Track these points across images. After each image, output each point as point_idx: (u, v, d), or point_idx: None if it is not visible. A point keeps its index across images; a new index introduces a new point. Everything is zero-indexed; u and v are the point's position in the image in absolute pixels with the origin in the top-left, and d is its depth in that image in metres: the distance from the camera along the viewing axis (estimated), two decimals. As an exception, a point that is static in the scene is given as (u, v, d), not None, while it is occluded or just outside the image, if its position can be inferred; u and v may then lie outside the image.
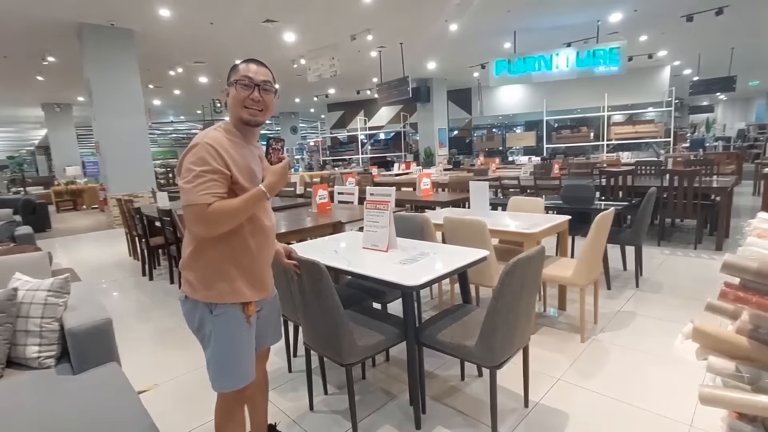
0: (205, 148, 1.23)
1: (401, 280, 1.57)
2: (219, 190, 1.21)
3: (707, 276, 3.55)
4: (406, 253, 1.95)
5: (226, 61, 9.76)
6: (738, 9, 7.50)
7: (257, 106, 1.31)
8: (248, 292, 1.33)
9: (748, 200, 7.40)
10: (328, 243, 2.38)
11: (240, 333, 1.33)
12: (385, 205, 1.99)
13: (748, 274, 1.13)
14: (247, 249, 1.32)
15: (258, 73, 1.31)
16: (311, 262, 1.58)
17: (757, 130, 17.91)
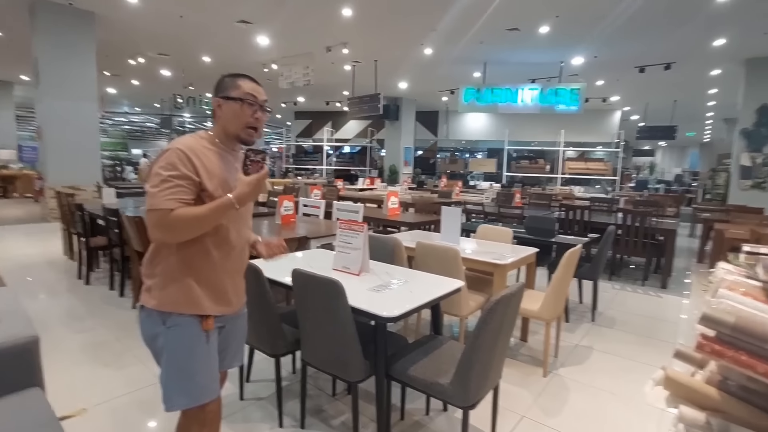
0: (176, 154, 1.18)
1: (376, 309, 1.49)
2: (185, 196, 1.16)
3: (655, 313, 3.74)
4: (379, 278, 1.87)
5: (192, 56, 9.37)
6: (682, 66, 8.25)
7: (257, 125, 1.30)
8: (207, 303, 1.26)
9: (684, 241, 8.00)
10: (294, 261, 2.25)
11: (196, 347, 1.25)
12: (360, 227, 1.90)
13: (726, 329, 1.15)
14: (207, 258, 1.25)
15: (260, 93, 1.31)
16: (329, 279, 1.55)
17: (691, 176, 19.64)
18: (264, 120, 1.32)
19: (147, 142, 27.22)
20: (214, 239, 1.25)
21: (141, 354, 2.62)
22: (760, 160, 7.80)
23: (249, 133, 1.28)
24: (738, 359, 1.16)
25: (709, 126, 17.14)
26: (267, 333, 1.78)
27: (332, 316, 1.53)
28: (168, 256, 1.23)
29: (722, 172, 11.15)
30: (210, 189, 1.20)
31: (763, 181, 7.83)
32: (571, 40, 7.44)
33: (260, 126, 1.31)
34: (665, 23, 6.41)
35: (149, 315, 1.25)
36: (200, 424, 1.30)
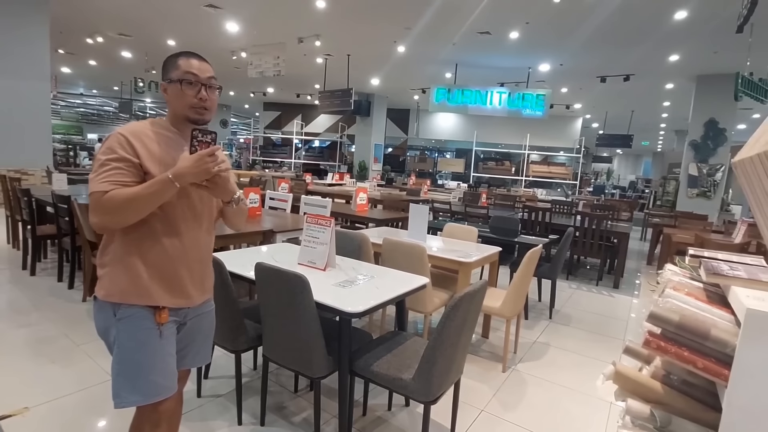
0: (116, 138, 1.15)
1: (340, 305, 1.48)
2: (122, 178, 1.11)
3: (608, 312, 3.94)
4: (345, 273, 1.86)
5: (156, 39, 8.94)
6: (641, 79, 8.69)
7: (204, 105, 1.22)
8: (158, 294, 1.19)
9: (636, 244, 8.46)
10: (258, 254, 2.20)
11: (148, 341, 1.19)
12: (327, 221, 1.88)
13: (670, 326, 1.23)
14: (157, 244, 1.19)
15: (202, 70, 1.22)
16: (294, 274, 1.51)
17: (644, 183, 20.78)
18: (213, 98, 1.24)
19: (104, 127, 25.75)
20: (162, 224, 1.19)
21: (91, 350, 2.49)
22: (706, 171, 8.36)
23: (197, 111, 1.22)
24: (681, 355, 1.24)
25: (661, 136, 18.20)
26: (228, 328, 1.73)
27: (296, 311, 1.50)
28: (115, 244, 1.18)
29: (672, 181, 11.86)
30: (153, 172, 1.14)
31: (708, 190, 8.40)
32: (539, 47, 7.67)
33: (208, 105, 1.23)
34: (626, 37, 6.73)
35: (101, 307, 1.20)
36: (153, 425, 1.24)
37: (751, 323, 0.91)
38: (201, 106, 1.21)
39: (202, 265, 1.31)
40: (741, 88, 6.10)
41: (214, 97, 1.25)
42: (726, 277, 1.23)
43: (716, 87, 8.02)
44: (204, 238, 1.31)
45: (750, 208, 1.34)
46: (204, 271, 1.32)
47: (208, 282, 1.34)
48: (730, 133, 8.19)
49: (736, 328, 1.07)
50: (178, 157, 1.16)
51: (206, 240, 1.32)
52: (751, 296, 1.04)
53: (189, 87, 1.19)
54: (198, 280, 1.29)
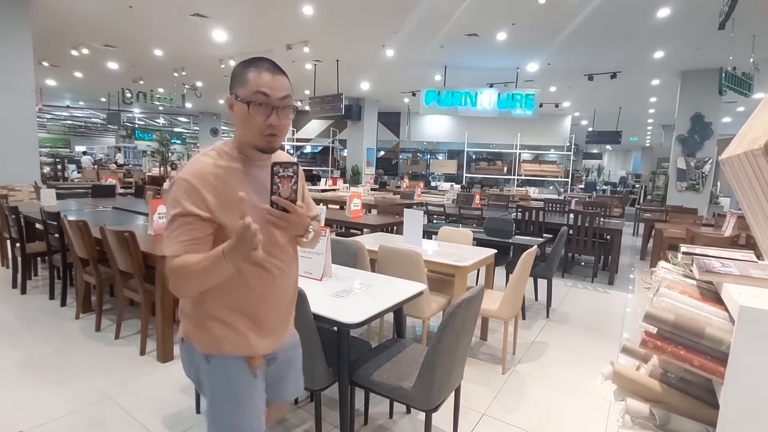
0: (181, 186, 1.01)
1: (338, 316, 1.48)
2: (193, 235, 0.99)
3: (604, 308, 3.97)
4: (341, 283, 1.86)
5: (142, 49, 8.88)
6: (627, 76, 8.79)
7: (274, 131, 1.05)
8: (253, 341, 1.10)
9: (629, 239, 8.54)
10: (254, 266, 2.19)
11: (242, 387, 1.11)
12: (323, 231, 1.88)
13: (666, 326, 1.24)
14: (244, 287, 1.08)
15: (275, 89, 1.03)
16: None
17: (634, 178, 21.00)
18: (286, 122, 1.07)
19: (92, 139, 25.51)
20: (250, 269, 1.07)
21: (85, 369, 2.45)
22: (694, 164, 8.47)
23: (266, 140, 1.04)
24: (677, 354, 1.25)
25: (649, 132, 18.42)
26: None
27: (294, 323, 1.49)
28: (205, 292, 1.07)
29: (661, 175, 12.00)
30: (225, 222, 1.00)
31: (697, 183, 8.51)
32: (526, 47, 7.73)
33: (279, 131, 1.06)
34: (612, 35, 6.81)
35: (190, 350, 1.12)
36: None
37: (745, 320, 0.92)
38: (270, 133, 1.04)
39: (287, 303, 1.20)
40: (725, 82, 6.21)
41: (287, 121, 1.07)
42: (718, 275, 1.24)
43: (701, 82, 8.14)
44: (293, 273, 1.20)
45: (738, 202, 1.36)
46: (290, 309, 1.23)
47: (290, 317, 1.25)
48: (715, 126, 8.31)
49: (730, 325, 1.08)
50: (260, 194, 1.04)
51: (294, 274, 1.21)
52: (743, 293, 1.05)
53: (258, 110, 1.01)
54: (286, 318, 1.21)
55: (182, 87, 11.77)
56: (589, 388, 2.44)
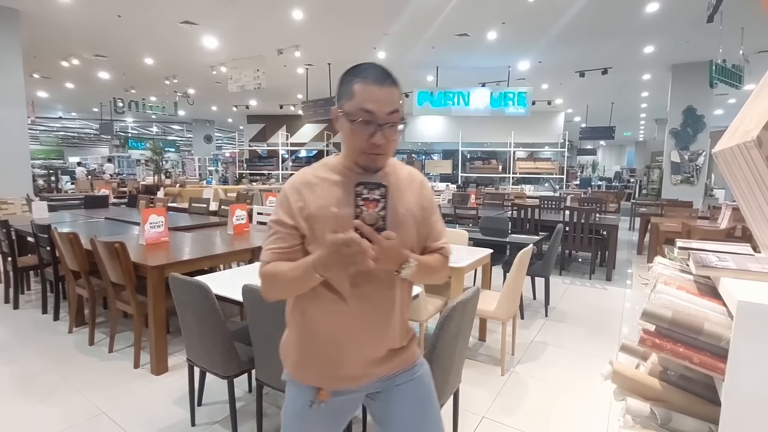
0: (280, 195, 1.01)
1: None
2: (281, 245, 0.96)
3: (602, 305, 3.95)
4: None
5: (133, 58, 8.84)
6: (618, 71, 8.82)
7: (379, 151, 0.95)
8: (319, 374, 1.03)
9: (625, 234, 8.55)
10: (247, 274, 2.15)
11: (303, 416, 1.04)
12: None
13: (664, 323, 1.22)
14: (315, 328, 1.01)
15: (382, 104, 0.92)
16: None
17: (629, 172, 21.09)
18: (393, 139, 0.96)
19: (85, 150, 25.41)
20: (328, 291, 0.98)
21: (79, 384, 2.41)
22: (687, 157, 8.50)
23: (370, 159, 0.96)
24: (676, 351, 1.23)
25: (642, 126, 18.49)
26: (218, 354, 1.69)
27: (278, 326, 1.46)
28: (293, 305, 1.05)
29: (656, 169, 12.05)
30: (314, 235, 0.95)
31: (691, 176, 8.53)
32: (517, 46, 7.74)
33: (384, 149, 0.95)
34: (601, 31, 6.83)
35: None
36: None
37: (744, 315, 0.90)
38: (373, 152, 0.95)
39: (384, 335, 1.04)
40: (715, 75, 6.23)
41: (395, 138, 0.97)
42: (715, 269, 1.23)
43: (691, 75, 8.17)
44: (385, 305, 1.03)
45: (733, 195, 1.34)
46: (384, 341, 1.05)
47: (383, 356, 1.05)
48: (708, 119, 8.35)
49: (729, 321, 1.07)
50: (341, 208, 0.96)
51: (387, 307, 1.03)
52: (741, 287, 1.03)
53: (361, 128, 0.93)
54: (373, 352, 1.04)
55: (174, 95, 11.73)
56: (589, 388, 2.42)
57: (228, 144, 23.69)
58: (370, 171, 0.99)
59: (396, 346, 1.06)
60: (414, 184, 1.05)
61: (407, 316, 1.10)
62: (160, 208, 3.38)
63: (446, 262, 1.09)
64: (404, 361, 1.09)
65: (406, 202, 1.01)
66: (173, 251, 2.85)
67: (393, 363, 1.06)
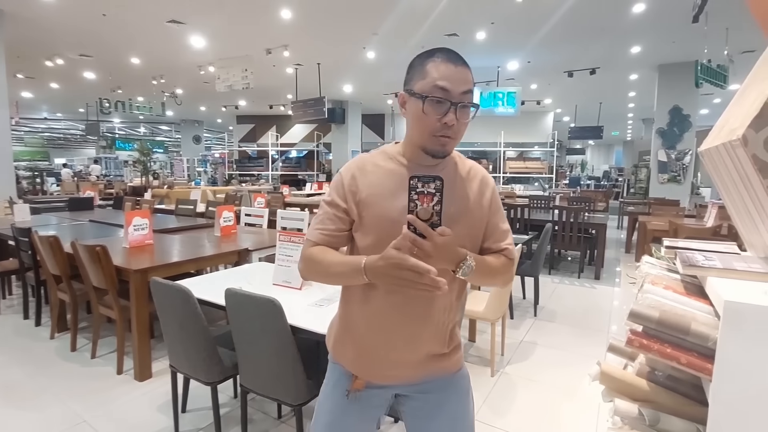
0: (338, 176, 0.99)
1: (317, 327, 1.42)
2: (329, 226, 0.95)
3: (591, 304, 3.97)
4: (323, 291, 1.80)
5: (119, 58, 8.70)
6: (606, 71, 8.90)
7: (449, 133, 0.91)
8: (351, 359, 1.02)
9: (613, 233, 8.63)
10: (231, 277, 2.11)
11: (332, 401, 1.03)
12: (300, 238, 1.82)
13: (651, 323, 1.21)
14: (351, 314, 1.01)
15: (457, 82, 0.89)
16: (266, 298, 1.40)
17: (617, 171, 21.33)
18: (464, 122, 0.92)
19: (71, 151, 24.99)
20: (360, 295, 0.97)
21: (60, 392, 2.35)
22: (674, 156, 8.61)
23: (439, 142, 0.91)
24: (663, 351, 1.22)
25: (630, 126, 18.72)
26: (201, 360, 1.65)
27: (271, 337, 1.43)
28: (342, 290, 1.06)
29: (643, 168, 12.18)
30: (365, 224, 0.93)
31: (678, 175, 8.64)
32: (506, 46, 7.77)
33: (455, 132, 0.91)
34: (589, 31, 6.88)
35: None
36: None
37: (730, 315, 0.89)
38: (444, 135, 0.90)
39: (420, 329, 0.98)
40: (701, 75, 6.31)
41: (466, 121, 0.93)
42: (702, 268, 1.22)
43: (677, 75, 8.27)
44: (427, 304, 0.97)
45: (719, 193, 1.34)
46: (421, 340, 0.99)
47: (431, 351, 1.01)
48: (694, 118, 8.46)
49: (716, 320, 1.06)
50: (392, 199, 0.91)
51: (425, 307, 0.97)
52: (727, 287, 1.03)
53: (434, 107, 0.88)
54: (408, 350, 0.99)
55: (162, 95, 11.57)
56: (579, 388, 2.42)
57: (217, 144, 23.47)
58: (438, 156, 0.94)
59: (435, 351, 1.00)
60: (475, 180, 1.00)
61: (453, 320, 1.03)
62: (145, 210, 3.31)
63: (511, 264, 1.03)
64: (442, 370, 1.03)
65: (465, 199, 0.97)
66: (157, 254, 2.80)
67: (428, 369, 1.01)
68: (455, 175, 0.99)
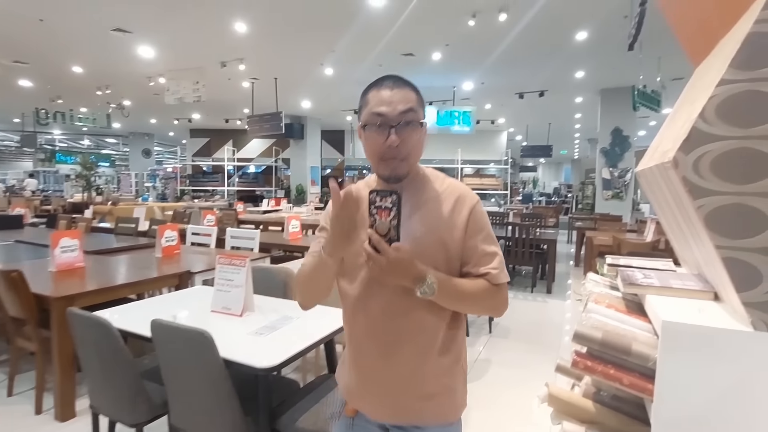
0: (329, 204, 0.99)
1: (254, 359, 1.30)
2: (317, 248, 0.94)
3: (543, 319, 4.06)
4: (265, 318, 1.68)
5: (59, 66, 8.16)
6: (554, 94, 9.40)
7: (394, 154, 0.89)
8: (344, 383, 1.02)
9: (564, 247, 8.98)
10: (168, 302, 1.94)
11: (337, 427, 1.03)
12: (242, 260, 1.70)
13: (595, 344, 1.21)
14: (348, 327, 1.00)
15: (394, 103, 0.89)
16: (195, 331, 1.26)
17: (567, 188, 22.47)
18: (412, 140, 0.91)
19: (6, 163, 23.04)
20: (352, 307, 0.95)
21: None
22: (617, 174, 9.16)
23: (388, 167, 0.90)
24: (607, 373, 1.22)
25: (577, 145, 19.87)
26: (125, 398, 1.48)
27: (202, 372, 1.30)
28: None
29: (590, 185, 12.89)
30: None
31: (621, 192, 9.20)
32: (460, 67, 8.03)
33: (401, 152, 0.89)
34: (537, 56, 7.25)
35: None
36: None
37: (668, 336, 0.90)
38: (389, 156, 0.89)
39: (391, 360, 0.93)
40: (638, 99, 6.80)
41: (411, 139, 0.90)
42: (641, 287, 1.24)
43: (618, 99, 8.89)
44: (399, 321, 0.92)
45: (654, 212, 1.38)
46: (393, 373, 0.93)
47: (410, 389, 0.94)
48: (633, 139, 9.09)
49: (656, 339, 1.06)
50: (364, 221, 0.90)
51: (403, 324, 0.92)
52: (665, 305, 1.04)
53: (376, 132, 0.88)
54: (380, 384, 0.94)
55: (107, 106, 10.95)
56: (532, 409, 2.42)
57: (169, 159, 22.47)
58: (392, 181, 0.93)
59: (415, 390, 0.93)
60: (450, 199, 0.96)
61: (436, 356, 0.95)
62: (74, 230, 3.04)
63: (495, 291, 0.98)
64: (420, 416, 0.95)
65: (435, 218, 0.93)
66: (88, 278, 2.55)
67: (406, 411, 0.94)
68: (426, 193, 0.97)
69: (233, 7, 5.59)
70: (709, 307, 0.96)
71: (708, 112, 0.77)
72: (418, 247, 0.87)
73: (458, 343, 1.02)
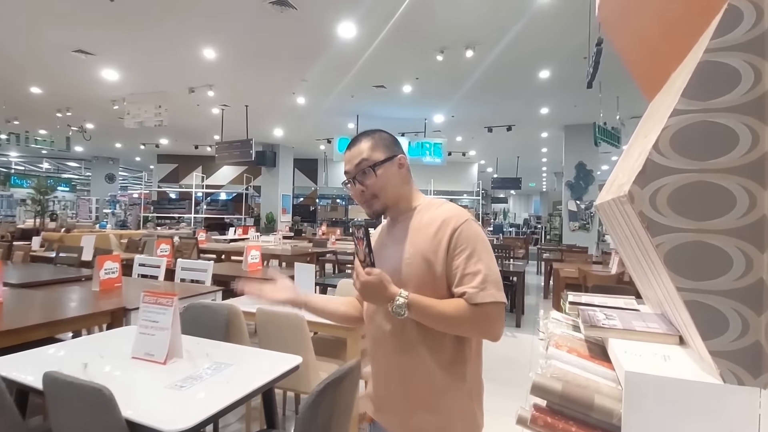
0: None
1: (164, 421, 1.09)
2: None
3: (512, 356, 3.93)
4: (192, 365, 1.47)
5: (17, 86, 7.81)
6: (521, 128, 9.71)
7: (366, 198, 1.09)
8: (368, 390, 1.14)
9: (533, 278, 9.01)
10: (87, 346, 1.70)
11: None
12: (168, 300, 1.50)
13: (555, 397, 1.09)
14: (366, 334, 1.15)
15: (348, 162, 1.11)
16: (92, 387, 1.09)
17: (536, 219, 23.01)
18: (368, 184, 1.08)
19: (-47, 187, 21.59)
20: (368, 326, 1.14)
21: None
22: (583, 206, 9.40)
23: (366, 207, 1.12)
24: (569, 431, 1.09)
25: (544, 178, 20.54)
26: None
27: (99, 435, 1.08)
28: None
29: (557, 216, 13.19)
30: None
31: (587, 223, 9.41)
32: (431, 100, 8.19)
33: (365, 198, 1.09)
34: (504, 92, 7.49)
35: None
36: None
37: (632, 388, 0.80)
38: (362, 201, 1.10)
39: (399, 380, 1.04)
40: (599, 135, 7.07)
41: (369, 182, 1.07)
42: (602, 329, 1.15)
43: (581, 135, 9.24)
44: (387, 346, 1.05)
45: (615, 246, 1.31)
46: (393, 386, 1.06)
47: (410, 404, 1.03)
48: (596, 173, 9.42)
49: (620, 391, 0.95)
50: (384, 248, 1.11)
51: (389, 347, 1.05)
52: (628, 352, 0.94)
53: (350, 186, 1.12)
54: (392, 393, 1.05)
55: (68, 129, 10.50)
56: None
57: (135, 184, 21.69)
58: (375, 216, 1.13)
59: (414, 405, 1.01)
60: (435, 223, 1.03)
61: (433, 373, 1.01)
62: (-3, 260, 2.74)
63: (475, 310, 0.98)
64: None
65: (422, 244, 1.02)
66: (3, 316, 2.25)
67: (407, 424, 1.02)
68: (420, 221, 1.08)
69: (201, 33, 5.52)
70: (675, 354, 0.88)
71: (662, 144, 0.72)
72: (408, 269, 1.01)
73: (460, 363, 1.06)
